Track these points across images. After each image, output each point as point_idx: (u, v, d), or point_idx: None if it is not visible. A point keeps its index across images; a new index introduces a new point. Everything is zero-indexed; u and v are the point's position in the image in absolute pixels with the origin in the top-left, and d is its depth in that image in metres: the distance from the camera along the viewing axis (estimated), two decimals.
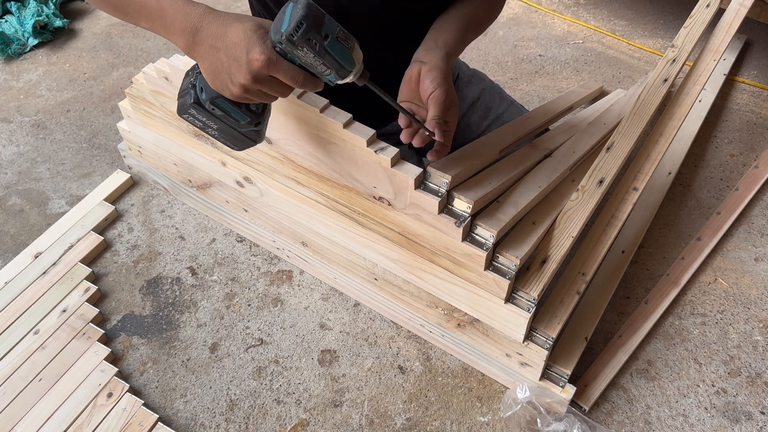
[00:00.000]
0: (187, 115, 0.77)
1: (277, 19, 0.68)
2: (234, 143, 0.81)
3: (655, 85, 1.31)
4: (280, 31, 0.66)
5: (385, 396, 1.14)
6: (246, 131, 0.79)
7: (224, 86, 0.72)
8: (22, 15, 1.84)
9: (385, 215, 1.00)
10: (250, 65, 0.68)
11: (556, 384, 1.06)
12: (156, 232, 1.38)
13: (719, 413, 1.12)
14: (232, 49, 0.69)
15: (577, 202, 1.06)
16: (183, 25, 0.72)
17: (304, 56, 0.68)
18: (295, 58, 0.70)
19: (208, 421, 1.10)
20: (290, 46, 0.67)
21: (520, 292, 0.97)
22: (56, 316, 1.20)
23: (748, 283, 1.31)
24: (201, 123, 0.77)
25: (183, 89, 0.78)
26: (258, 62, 0.68)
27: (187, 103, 0.75)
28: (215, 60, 0.71)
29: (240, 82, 0.70)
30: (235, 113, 0.76)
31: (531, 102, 1.72)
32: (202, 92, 0.75)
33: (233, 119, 0.77)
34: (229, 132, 0.79)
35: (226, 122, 0.77)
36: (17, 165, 1.52)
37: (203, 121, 0.77)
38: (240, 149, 0.83)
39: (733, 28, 1.55)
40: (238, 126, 0.78)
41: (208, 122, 0.77)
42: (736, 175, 1.52)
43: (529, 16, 2.01)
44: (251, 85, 0.70)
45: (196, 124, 0.78)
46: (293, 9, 0.66)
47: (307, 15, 0.66)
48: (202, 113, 0.76)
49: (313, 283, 1.29)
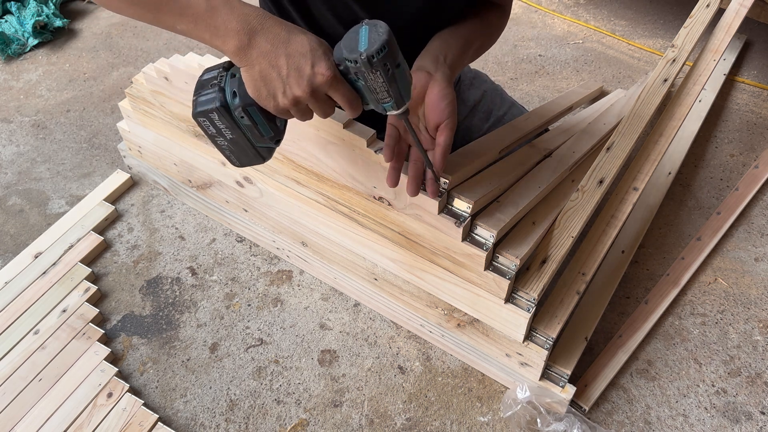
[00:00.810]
0: (204, 118, 0.71)
1: (347, 38, 0.66)
2: (239, 157, 0.76)
3: (655, 85, 1.31)
4: (358, 50, 0.64)
5: (385, 396, 1.14)
6: (261, 146, 0.75)
7: (271, 95, 0.68)
8: (22, 15, 1.84)
9: (385, 215, 1.00)
10: (313, 79, 0.66)
11: (556, 384, 1.06)
12: (156, 232, 1.38)
13: (719, 413, 1.12)
14: (295, 58, 0.66)
15: (577, 202, 1.06)
16: (239, 26, 0.67)
17: (373, 80, 0.66)
18: (359, 81, 0.67)
19: (208, 421, 1.10)
20: (366, 66, 0.65)
21: (520, 292, 0.97)
22: (56, 316, 1.20)
23: (748, 283, 1.31)
24: (215, 130, 0.71)
25: (205, 91, 0.71)
26: (322, 77, 0.65)
27: (211, 106, 0.69)
28: (271, 66, 0.67)
29: (295, 94, 0.67)
30: (262, 125, 0.72)
31: (531, 102, 1.72)
32: (234, 97, 0.70)
33: (257, 132, 0.72)
34: (243, 145, 0.74)
35: (247, 134, 0.72)
36: (17, 165, 1.52)
37: (220, 128, 0.71)
38: (243, 165, 0.77)
39: (733, 28, 1.55)
40: (257, 140, 0.73)
41: (225, 130, 0.71)
42: (736, 175, 1.52)
43: (529, 16, 2.01)
44: (306, 98, 0.67)
45: (209, 129, 0.72)
46: (372, 31, 0.65)
47: (389, 40, 0.65)
48: (225, 120, 0.70)
49: (313, 283, 1.29)
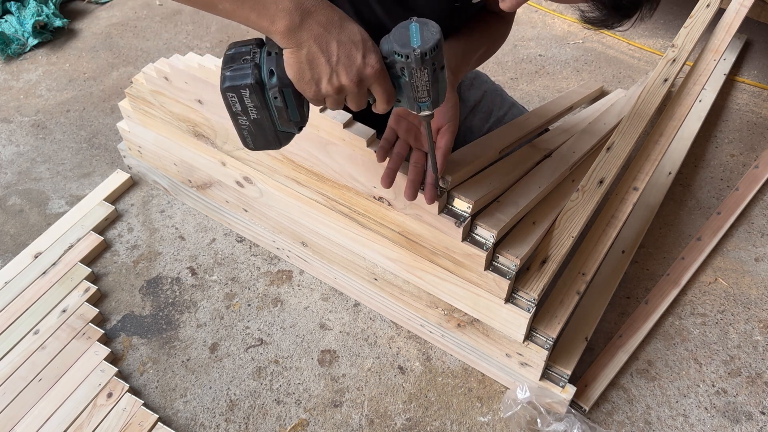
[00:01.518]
0: (234, 94, 0.69)
1: (397, 33, 0.66)
2: (257, 140, 0.74)
3: (655, 85, 1.31)
4: (411, 45, 0.64)
5: (385, 396, 1.14)
6: (283, 131, 0.73)
7: (314, 80, 0.66)
8: (22, 15, 1.84)
9: (385, 215, 1.00)
10: (363, 69, 0.65)
11: (556, 384, 1.06)
12: (156, 232, 1.38)
13: (719, 413, 1.12)
14: (348, 46, 0.65)
15: (577, 202, 1.06)
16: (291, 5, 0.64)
17: (419, 77, 0.67)
18: (403, 77, 0.68)
19: (208, 421, 1.10)
20: (417, 63, 0.65)
21: (520, 292, 0.97)
22: (56, 316, 1.20)
23: (748, 283, 1.31)
24: (241, 108, 0.69)
25: (237, 66, 0.68)
26: (372, 69, 0.65)
27: (244, 81, 0.67)
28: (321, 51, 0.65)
29: (341, 82, 0.66)
30: (292, 109, 0.70)
31: (531, 102, 1.71)
32: (272, 77, 0.68)
33: (285, 115, 0.71)
34: (266, 127, 0.72)
35: (274, 115, 0.71)
36: (17, 165, 1.52)
37: (248, 106, 0.69)
38: (257, 148, 0.75)
39: (733, 28, 1.55)
40: (282, 123, 0.72)
41: (252, 110, 0.69)
42: (736, 175, 1.52)
43: (529, 16, 2.01)
44: (350, 87, 0.66)
45: (234, 106, 0.70)
46: (424, 29, 0.65)
47: (441, 40, 0.65)
48: (256, 98, 0.68)
49: (313, 283, 1.29)
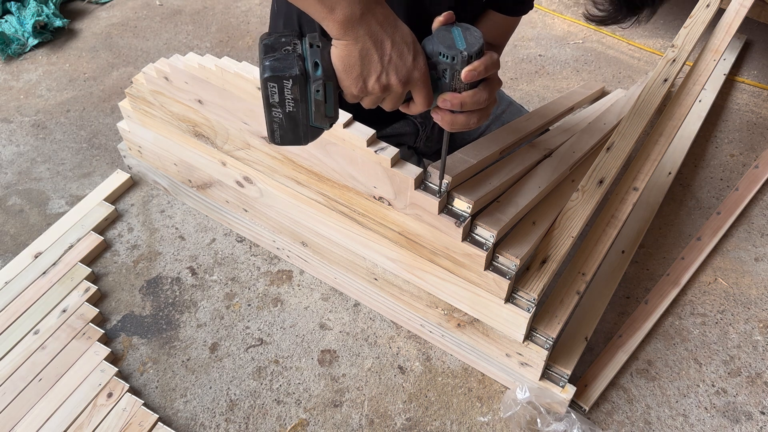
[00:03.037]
0: (275, 84, 0.67)
1: (441, 36, 0.67)
2: (285, 134, 0.72)
3: (655, 85, 1.31)
4: (457, 47, 0.65)
5: (385, 396, 1.14)
6: (315, 126, 0.72)
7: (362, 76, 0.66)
8: (22, 15, 1.84)
9: (385, 215, 1.00)
10: (412, 70, 0.66)
11: (556, 384, 1.06)
12: (156, 232, 1.38)
13: (719, 413, 1.12)
14: (401, 45, 0.65)
15: (577, 202, 1.06)
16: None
17: (458, 81, 0.68)
18: (443, 79, 0.68)
19: (208, 421, 1.10)
20: (463, 64, 0.66)
21: (520, 292, 0.97)
22: (56, 316, 1.20)
23: (748, 283, 1.31)
24: (279, 99, 0.68)
25: (280, 55, 0.67)
26: (420, 71, 0.66)
27: (289, 72, 0.66)
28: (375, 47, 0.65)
29: (388, 81, 0.66)
30: (329, 104, 0.69)
31: (531, 102, 1.72)
32: (317, 68, 0.67)
33: (321, 110, 0.69)
34: (299, 121, 0.71)
35: (311, 109, 0.69)
36: (17, 165, 1.52)
37: (286, 98, 0.68)
38: (284, 143, 0.73)
39: (733, 28, 1.55)
40: (316, 118, 0.70)
41: (290, 102, 0.68)
42: (736, 175, 1.52)
43: (529, 16, 2.01)
44: (396, 87, 0.66)
45: (272, 97, 0.68)
46: (467, 33, 0.66)
47: (484, 43, 0.66)
48: (297, 90, 0.67)
49: (313, 283, 1.29)
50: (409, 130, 1.18)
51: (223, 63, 0.99)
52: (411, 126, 1.18)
